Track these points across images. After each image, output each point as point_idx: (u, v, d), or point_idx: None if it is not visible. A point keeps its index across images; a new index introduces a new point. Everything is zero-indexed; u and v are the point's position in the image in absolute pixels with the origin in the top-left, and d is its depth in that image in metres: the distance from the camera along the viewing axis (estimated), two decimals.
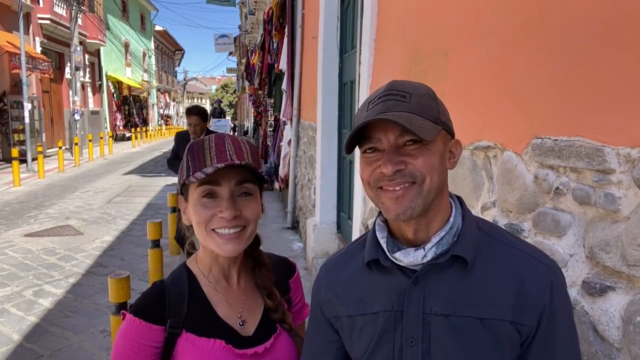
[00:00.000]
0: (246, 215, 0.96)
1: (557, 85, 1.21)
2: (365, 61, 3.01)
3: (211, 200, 0.95)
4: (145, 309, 0.97)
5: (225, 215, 0.93)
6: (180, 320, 0.98)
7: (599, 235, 1.06)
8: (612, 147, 1.03)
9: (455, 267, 0.80)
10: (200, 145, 0.96)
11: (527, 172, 1.32)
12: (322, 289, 0.94)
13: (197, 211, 0.95)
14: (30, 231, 6.22)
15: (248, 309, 1.04)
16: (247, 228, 0.97)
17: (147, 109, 30.14)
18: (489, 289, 0.79)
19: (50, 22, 15.66)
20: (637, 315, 0.94)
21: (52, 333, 3.53)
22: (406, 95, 0.78)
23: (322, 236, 4.64)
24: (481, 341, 0.77)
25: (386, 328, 0.83)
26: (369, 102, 0.81)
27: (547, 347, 0.77)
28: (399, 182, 0.77)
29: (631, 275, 0.97)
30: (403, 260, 0.81)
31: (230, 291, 1.04)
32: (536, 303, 0.77)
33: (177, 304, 0.99)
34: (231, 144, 0.96)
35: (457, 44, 1.80)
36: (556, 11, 1.22)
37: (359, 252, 0.92)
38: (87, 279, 4.60)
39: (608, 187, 1.04)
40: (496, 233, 0.85)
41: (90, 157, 14.70)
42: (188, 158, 0.97)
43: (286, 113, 6.70)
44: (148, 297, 1.00)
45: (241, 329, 1.02)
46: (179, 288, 1.01)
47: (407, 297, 0.81)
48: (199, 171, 0.92)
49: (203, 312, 1.00)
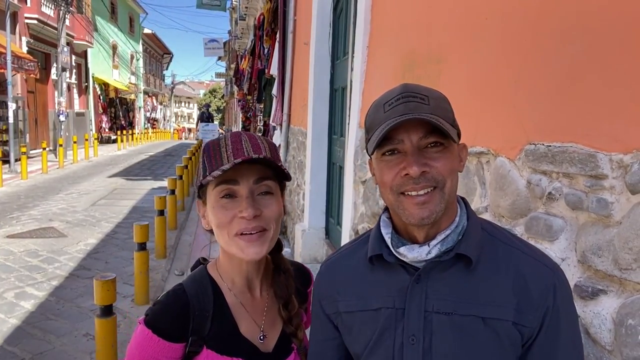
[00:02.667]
0: (267, 214, 0.91)
1: (550, 92, 1.24)
2: (358, 68, 3.03)
3: (230, 201, 0.91)
4: (167, 327, 0.91)
5: (245, 214, 0.88)
6: (202, 337, 0.93)
7: (591, 239, 1.08)
8: (605, 153, 1.05)
9: (458, 265, 0.80)
10: (216, 144, 0.93)
11: (520, 178, 1.34)
12: (323, 285, 0.94)
13: (217, 213, 0.91)
14: (12, 232, 6.10)
15: (269, 322, 1.00)
16: (269, 229, 0.93)
17: (133, 111, 29.88)
18: (492, 288, 0.79)
19: (37, 22, 15.46)
20: (629, 318, 0.96)
21: (34, 336, 3.46)
22: (424, 98, 0.78)
23: (310, 241, 4.63)
24: (483, 340, 0.78)
25: (387, 325, 0.83)
26: (385, 103, 0.80)
27: (549, 349, 0.78)
28: (424, 186, 0.77)
29: (623, 279, 0.99)
30: (407, 256, 0.81)
31: (253, 304, 1.00)
32: (538, 305, 0.77)
33: (200, 321, 0.93)
34: (248, 141, 0.92)
35: (451, 51, 1.83)
36: (550, 20, 1.25)
37: (361, 248, 0.91)
38: (70, 282, 4.53)
39: (600, 193, 1.06)
40: (499, 234, 0.85)
41: (75, 159, 14.49)
42: (204, 159, 0.93)
43: (276, 118, 6.70)
44: (170, 313, 0.93)
45: (261, 345, 0.98)
46: (204, 303, 0.94)
47: (409, 294, 0.81)
48: (216, 170, 0.88)
49: (226, 328, 0.95)
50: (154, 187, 10.24)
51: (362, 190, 2.89)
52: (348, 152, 3.22)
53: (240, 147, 0.90)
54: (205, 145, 0.96)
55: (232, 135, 0.94)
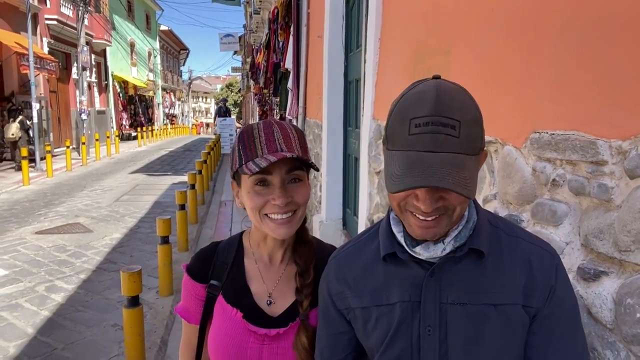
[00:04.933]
0: (297, 200, 1.01)
1: (554, 81, 1.27)
2: (370, 60, 3.07)
3: (264, 188, 1.00)
4: (193, 268, 1.14)
5: (278, 202, 0.98)
6: (220, 284, 1.10)
7: (593, 223, 1.11)
8: (604, 140, 1.08)
9: (470, 258, 0.84)
10: (250, 133, 1.00)
11: (525, 165, 1.38)
12: (333, 281, 0.95)
13: (251, 198, 1.01)
14: (40, 229, 6.34)
15: (281, 290, 1.09)
16: (297, 211, 1.02)
17: (152, 108, 30.30)
18: (502, 277, 0.83)
19: (57, 23, 15.81)
20: (628, 297, 1.00)
21: (65, 327, 3.62)
22: (455, 126, 0.73)
23: (328, 232, 4.71)
24: (495, 325, 0.82)
25: (403, 318, 0.85)
26: (412, 119, 0.75)
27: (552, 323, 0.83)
28: (432, 214, 0.78)
29: (622, 260, 1.03)
30: (423, 255, 0.83)
31: (270, 271, 1.11)
32: (544, 286, 0.82)
33: (219, 270, 1.11)
34: (279, 132, 1.00)
35: (459, 43, 1.86)
36: (551, 10, 1.28)
37: (370, 243, 0.93)
38: (97, 275, 4.70)
39: (601, 178, 1.10)
40: (501, 224, 0.89)
41: (97, 157, 14.84)
42: (239, 147, 1.01)
43: (292, 111, 6.77)
44: (199, 258, 1.15)
45: (267, 308, 1.08)
46: (226, 256, 1.13)
47: (425, 288, 0.84)
48: (251, 161, 0.96)
49: (237, 282, 1.10)
50: (174, 182, 10.45)
51: (377, 180, 2.94)
52: (362, 144, 3.27)
53: (272, 139, 0.98)
54: (239, 133, 1.04)
55: (265, 125, 1.01)
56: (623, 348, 1.02)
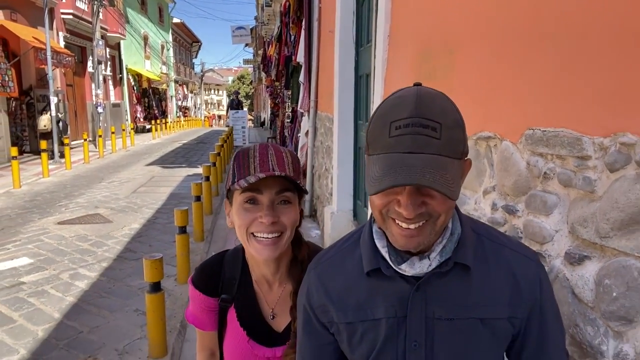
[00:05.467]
0: (284, 222, 1.03)
1: (546, 83, 1.38)
2: (380, 56, 3.18)
3: (253, 206, 1.03)
4: (202, 283, 1.16)
5: (265, 220, 1.00)
6: (231, 297, 1.14)
7: (579, 212, 1.23)
8: (589, 137, 1.19)
9: (455, 272, 0.82)
10: (245, 153, 1.04)
11: (521, 160, 1.49)
12: (314, 294, 0.92)
13: (240, 214, 1.03)
14: (62, 219, 6.57)
15: (282, 306, 1.13)
16: (283, 234, 1.04)
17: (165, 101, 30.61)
18: (487, 290, 0.83)
19: (72, 17, 16.06)
20: (606, 278, 1.11)
21: (90, 312, 3.82)
22: (437, 128, 0.72)
23: (339, 223, 4.84)
24: (481, 339, 0.83)
25: (389, 334, 0.85)
26: (392, 122, 0.74)
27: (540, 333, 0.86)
28: (415, 221, 0.76)
29: (602, 246, 1.14)
30: (409, 272, 0.81)
31: (270, 289, 1.15)
32: (528, 298, 0.84)
33: (229, 285, 1.14)
34: (274, 154, 1.04)
35: (462, 43, 1.96)
36: (544, 21, 1.39)
37: (351, 254, 0.91)
38: (118, 263, 4.90)
39: (586, 171, 1.21)
40: (484, 231, 0.88)
41: (114, 149, 15.13)
42: (234, 165, 1.05)
43: (304, 105, 6.88)
44: (205, 273, 1.17)
45: (272, 322, 1.13)
46: (233, 272, 1.15)
47: (411, 303, 0.83)
48: (243, 179, 1.00)
49: (246, 298, 1.14)
50: (189, 174, 10.66)
51: None
52: None
53: (266, 160, 1.02)
54: (236, 153, 1.08)
55: (260, 147, 1.06)
56: (602, 324, 1.14)
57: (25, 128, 13.46)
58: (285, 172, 1.01)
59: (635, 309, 1.05)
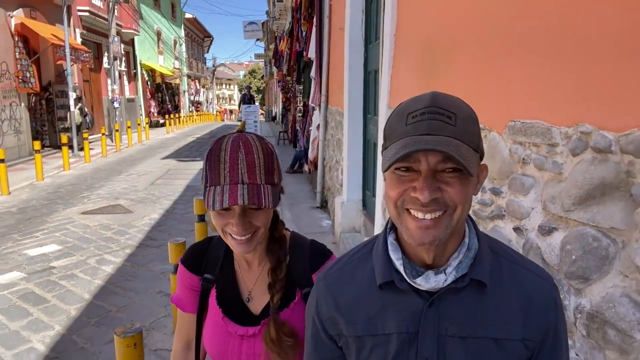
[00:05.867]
0: (256, 224, 1.04)
1: (525, 79, 1.60)
2: (386, 53, 3.39)
3: (226, 212, 1.03)
4: (188, 260, 1.19)
5: (236, 229, 1.01)
6: (213, 277, 1.16)
7: (549, 191, 1.45)
8: (557, 127, 1.41)
9: (470, 288, 0.81)
10: (217, 155, 1.01)
11: (505, 148, 1.71)
12: (323, 306, 0.91)
13: (214, 217, 1.04)
14: (85, 209, 6.90)
15: (260, 289, 1.14)
16: (257, 232, 1.05)
17: (178, 95, 31.03)
18: (502, 309, 0.81)
19: (89, 14, 16.43)
20: (567, 244, 1.34)
21: (117, 293, 4.12)
22: (451, 117, 0.74)
23: (348, 212, 5.07)
24: (494, 359, 0.81)
25: (400, 350, 0.83)
26: (409, 114, 0.76)
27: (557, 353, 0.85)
28: (431, 210, 0.74)
29: (566, 218, 1.36)
30: (424, 286, 0.80)
31: (248, 270, 1.17)
32: (543, 321, 0.81)
33: (212, 265, 1.17)
34: (244, 159, 1.00)
35: (460, 42, 2.18)
36: (525, 25, 1.60)
37: (362, 266, 0.90)
38: (140, 250, 5.20)
39: (555, 157, 1.43)
40: (501, 250, 0.87)
41: (130, 143, 15.51)
42: (206, 165, 1.03)
43: (315, 99, 7.11)
44: (193, 250, 1.21)
45: (249, 305, 1.14)
46: (217, 252, 1.17)
47: (424, 319, 0.81)
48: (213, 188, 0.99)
49: (227, 277, 1.17)
50: None
51: None
52: (380, 130, 3.61)
53: (236, 167, 0.99)
54: (208, 150, 1.04)
55: (231, 149, 1.00)
56: (565, 283, 1.36)
57: (45, 123, 13.88)
58: (255, 179, 1.00)
59: (590, 269, 1.27)
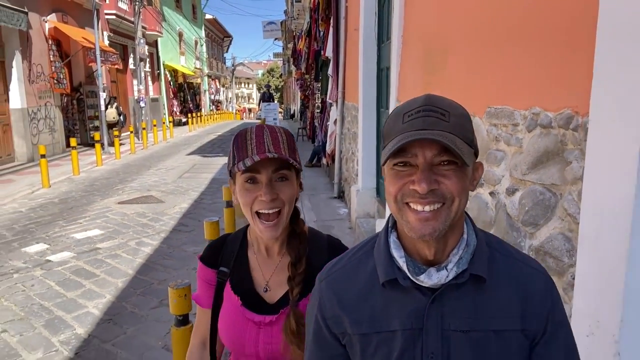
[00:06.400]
0: (282, 197, 1.10)
1: (498, 74, 2.01)
2: (395, 52, 3.80)
3: (253, 185, 1.09)
4: (205, 255, 1.26)
5: (264, 198, 1.07)
6: (227, 270, 1.21)
7: (514, 161, 1.86)
8: (518, 110, 1.82)
9: (470, 283, 0.83)
10: (243, 136, 1.11)
11: (484, 129, 2.13)
12: (327, 304, 0.92)
13: (242, 194, 1.10)
14: (121, 200, 7.49)
15: (276, 280, 1.18)
16: (282, 211, 1.11)
17: (199, 95, 31.77)
18: (501, 301, 0.84)
19: (115, 17, 17.16)
20: (523, 199, 1.75)
21: (156, 269, 4.64)
22: (445, 114, 0.78)
23: (363, 199, 5.50)
24: (496, 351, 0.83)
25: (406, 346, 0.85)
26: (405, 113, 0.80)
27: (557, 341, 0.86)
28: (430, 202, 0.77)
29: (524, 180, 1.78)
30: (427, 282, 0.82)
31: (267, 261, 1.21)
32: (540, 310, 0.84)
33: (228, 258, 1.22)
34: (269, 136, 1.09)
35: (452, 45, 2.59)
36: (496, 30, 2.01)
37: (364, 264, 0.91)
38: (174, 235, 5.72)
39: (517, 134, 1.84)
40: (497, 245, 0.90)
41: (155, 141, 16.20)
42: (233, 148, 1.11)
43: (332, 95, 7.54)
44: (209, 247, 1.27)
45: (265, 295, 1.18)
46: (233, 247, 1.23)
47: (427, 315, 0.83)
48: (241, 162, 1.06)
49: (242, 270, 1.21)
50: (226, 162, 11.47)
51: None
52: None
53: (262, 141, 1.08)
54: (235, 136, 1.13)
55: (257, 129, 1.11)
56: (522, 229, 1.77)
57: (76, 122, 14.63)
58: (280, 151, 1.08)
59: (538, 217, 1.68)
